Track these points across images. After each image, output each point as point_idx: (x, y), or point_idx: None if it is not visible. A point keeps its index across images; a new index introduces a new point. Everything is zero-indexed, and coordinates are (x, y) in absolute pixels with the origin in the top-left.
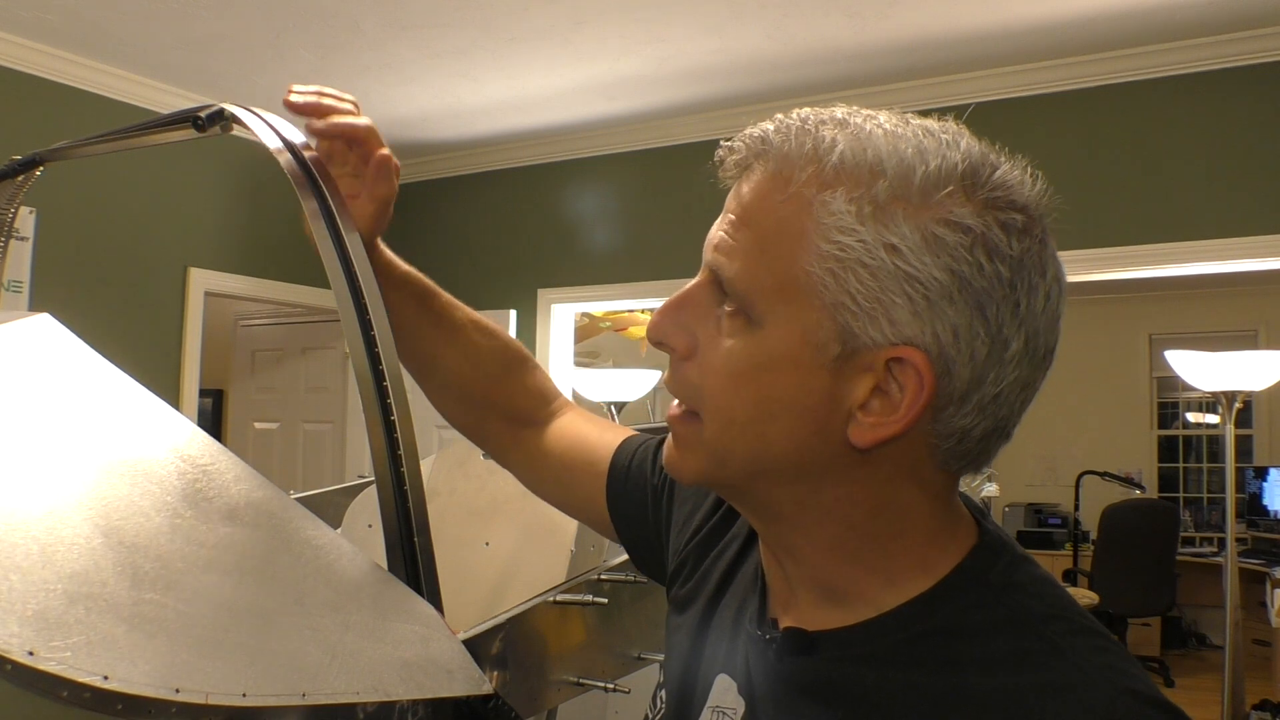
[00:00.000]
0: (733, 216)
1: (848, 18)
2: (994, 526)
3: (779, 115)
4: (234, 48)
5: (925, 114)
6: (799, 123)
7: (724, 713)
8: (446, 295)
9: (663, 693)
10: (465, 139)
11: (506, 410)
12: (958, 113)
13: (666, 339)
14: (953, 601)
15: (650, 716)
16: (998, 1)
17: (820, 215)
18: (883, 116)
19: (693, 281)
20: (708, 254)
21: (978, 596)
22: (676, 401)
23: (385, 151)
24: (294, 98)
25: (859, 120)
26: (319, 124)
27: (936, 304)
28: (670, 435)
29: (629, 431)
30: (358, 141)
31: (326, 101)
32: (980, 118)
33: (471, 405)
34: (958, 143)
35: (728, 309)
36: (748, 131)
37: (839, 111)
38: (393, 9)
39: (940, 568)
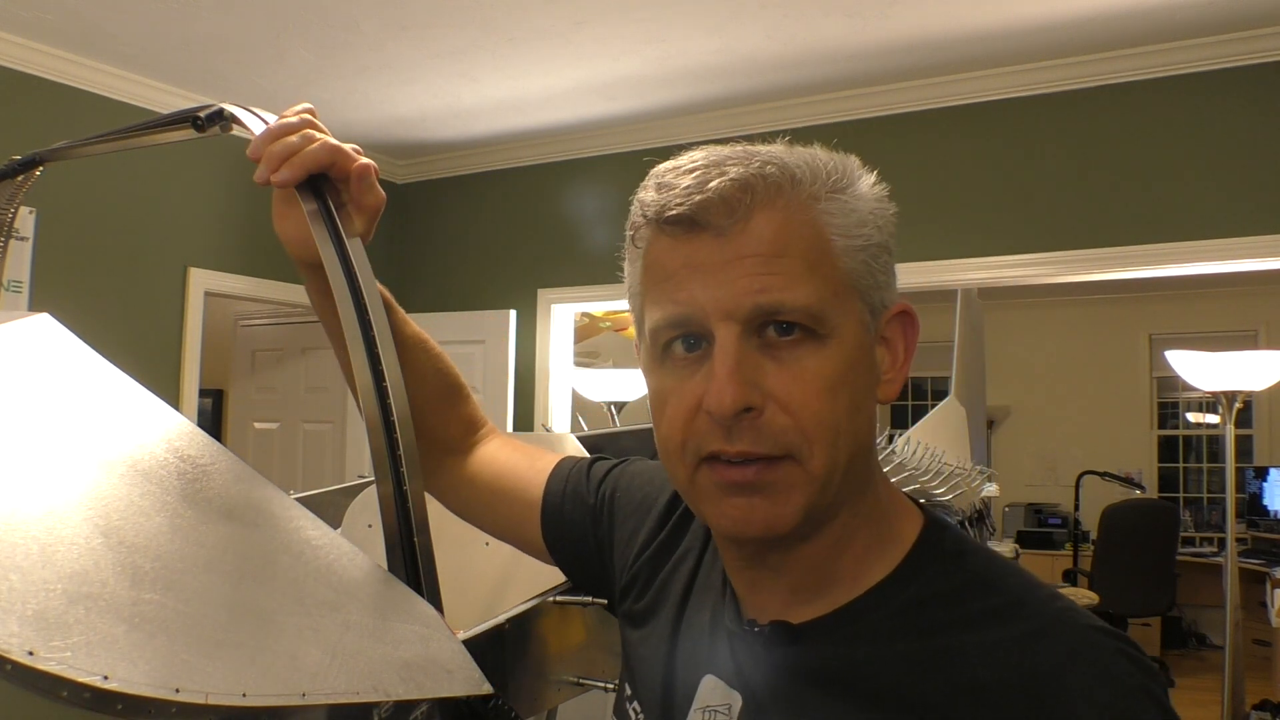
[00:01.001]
0: (755, 258)
1: (848, 18)
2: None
3: (707, 171)
4: (234, 48)
5: (924, 114)
6: (745, 166)
7: (716, 711)
8: (401, 311)
9: (634, 705)
10: (465, 139)
11: (435, 436)
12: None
13: (751, 400)
14: (919, 575)
15: None
16: (997, 1)
17: (829, 221)
18: (763, 146)
19: (720, 344)
20: (744, 300)
21: (940, 568)
22: (751, 463)
23: (362, 162)
24: (249, 151)
25: (766, 150)
26: (279, 177)
27: (891, 260)
28: (742, 497)
29: (557, 457)
30: (326, 168)
31: (275, 148)
32: (979, 118)
33: None
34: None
35: (786, 340)
36: (718, 189)
37: (737, 149)
38: (393, 9)
39: (898, 547)
